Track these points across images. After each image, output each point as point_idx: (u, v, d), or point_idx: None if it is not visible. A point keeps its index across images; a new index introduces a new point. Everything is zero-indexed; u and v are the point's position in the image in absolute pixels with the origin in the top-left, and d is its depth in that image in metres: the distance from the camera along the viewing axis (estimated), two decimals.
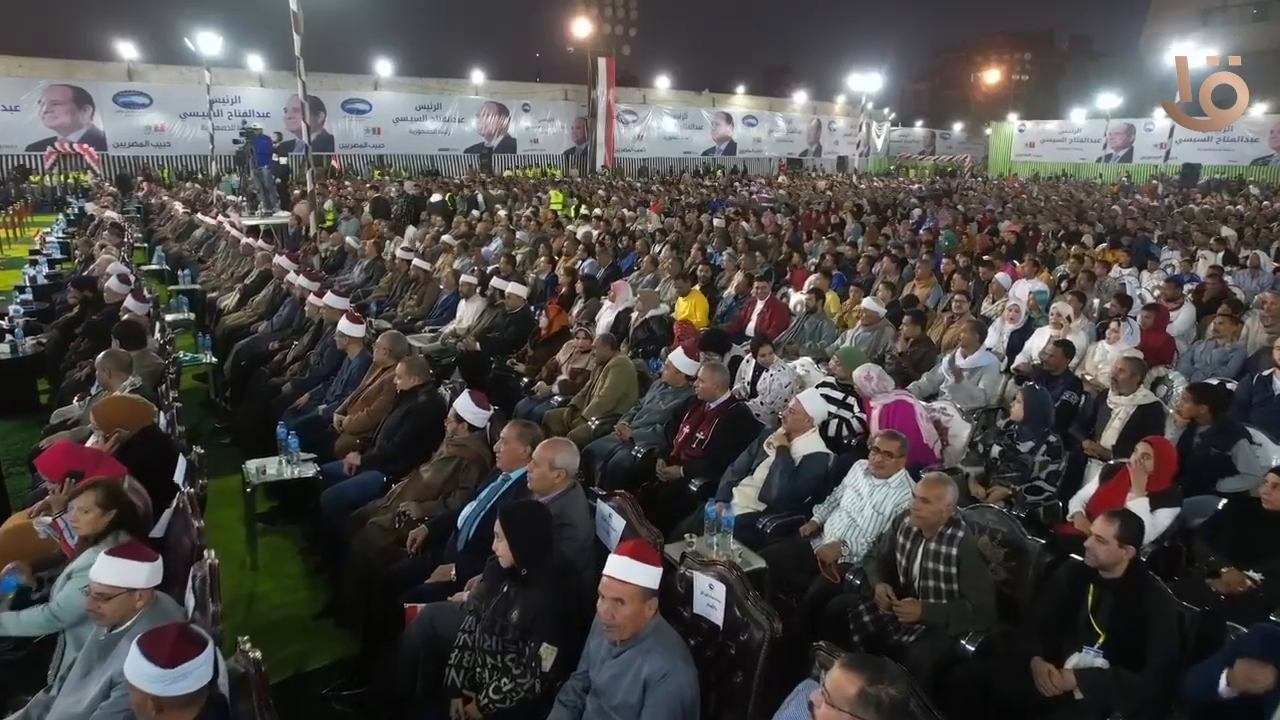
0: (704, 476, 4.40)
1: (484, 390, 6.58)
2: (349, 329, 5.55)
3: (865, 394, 4.81)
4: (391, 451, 4.41)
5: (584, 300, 7.98)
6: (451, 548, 3.49)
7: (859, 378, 4.80)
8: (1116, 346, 5.97)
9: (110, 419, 3.79)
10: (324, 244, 11.95)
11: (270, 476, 4.38)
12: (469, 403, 3.99)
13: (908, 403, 4.72)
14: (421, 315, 8.36)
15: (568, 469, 3.14)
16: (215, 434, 6.57)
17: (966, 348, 5.73)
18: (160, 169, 30.92)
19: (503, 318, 7.16)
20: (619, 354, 5.62)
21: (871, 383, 4.77)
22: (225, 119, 28.46)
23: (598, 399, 5.41)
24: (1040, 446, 4.18)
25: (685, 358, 5.00)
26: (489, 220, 14.24)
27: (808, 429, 4.10)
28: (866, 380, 4.77)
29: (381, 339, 5.06)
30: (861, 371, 4.80)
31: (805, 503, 4.04)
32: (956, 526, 3.11)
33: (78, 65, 30.10)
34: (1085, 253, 11.16)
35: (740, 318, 7.81)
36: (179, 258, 13.16)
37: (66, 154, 28.94)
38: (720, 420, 4.52)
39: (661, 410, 4.98)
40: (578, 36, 43.30)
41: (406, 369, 4.54)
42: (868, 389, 4.78)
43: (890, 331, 6.63)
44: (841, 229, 15.11)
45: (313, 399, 5.68)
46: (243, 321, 8.31)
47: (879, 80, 36.23)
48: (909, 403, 4.72)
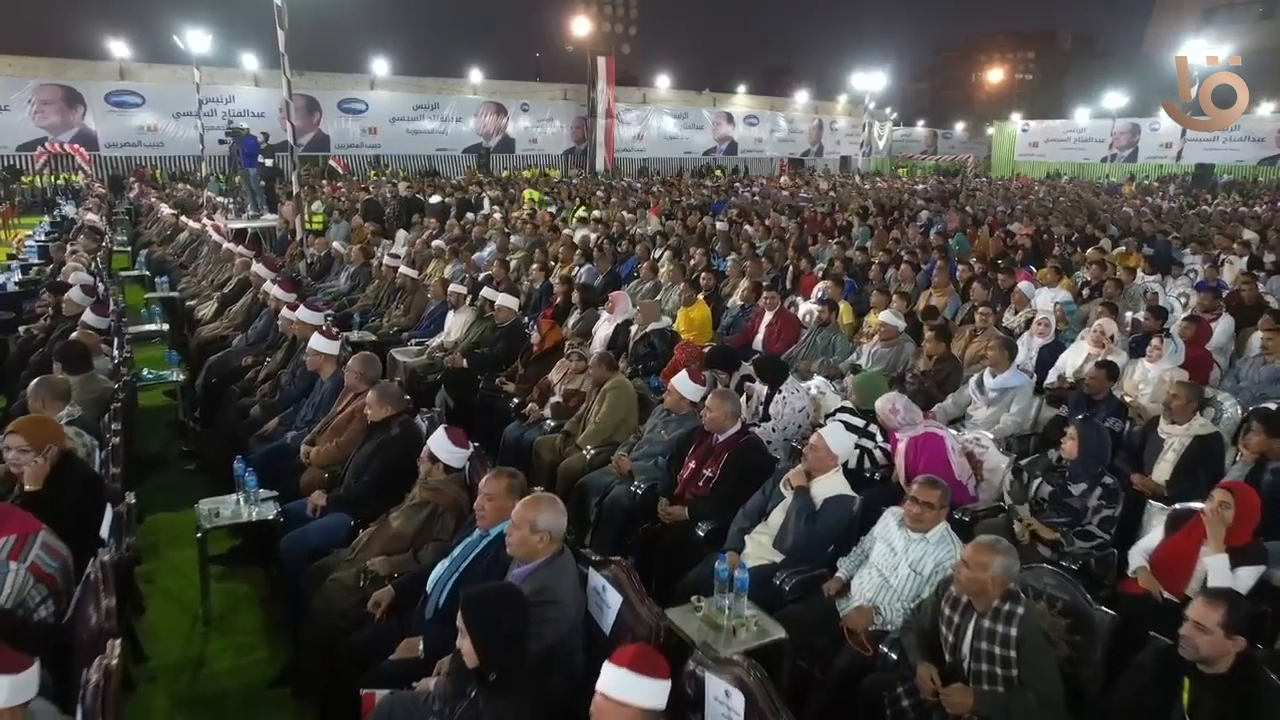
0: (712, 520, 3.91)
1: (470, 411, 6.17)
2: (321, 346, 5.06)
3: (890, 426, 4.32)
4: (359, 492, 3.91)
5: (580, 311, 7.48)
6: (421, 614, 3.00)
7: (883, 409, 4.31)
8: (1159, 365, 5.48)
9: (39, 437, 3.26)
10: (310, 248, 11.44)
11: (224, 520, 3.89)
12: (445, 440, 3.50)
13: (937, 435, 4.23)
14: (408, 326, 7.87)
15: (552, 532, 2.65)
16: (182, 457, 6.10)
17: (996, 366, 5.23)
18: (153, 169, 30.46)
19: (492, 331, 6.67)
20: (617, 375, 5.12)
21: (898, 415, 4.27)
22: (219, 119, 27.96)
23: (594, 425, 4.92)
24: (1094, 489, 3.68)
25: (690, 382, 4.51)
26: (484, 224, 13.73)
27: (831, 468, 3.61)
28: (892, 412, 4.28)
29: (353, 362, 4.56)
30: (885, 403, 4.31)
31: (828, 552, 3.56)
32: (1015, 601, 2.62)
33: (69, 64, 29.62)
34: (1105, 257, 10.66)
35: (747, 329, 7.32)
36: (161, 262, 12.70)
37: (57, 154, 28.49)
38: (730, 455, 4.03)
39: (664, 441, 4.49)
40: (577, 35, 42.90)
41: (377, 398, 4.05)
42: (893, 421, 4.29)
43: (910, 347, 6.14)
44: (848, 232, 14.61)
45: (282, 424, 5.18)
46: (218, 333, 7.81)
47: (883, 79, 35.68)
48: (939, 434, 4.23)
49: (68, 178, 27.69)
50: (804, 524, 3.44)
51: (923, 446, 4.21)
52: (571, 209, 18.07)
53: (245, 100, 31.85)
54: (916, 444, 4.22)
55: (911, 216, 17.24)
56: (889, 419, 4.30)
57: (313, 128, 33.60)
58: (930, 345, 5.65)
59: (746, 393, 5.29)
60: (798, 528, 3.44)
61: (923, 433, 4.23)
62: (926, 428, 4.25)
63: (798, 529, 3.44)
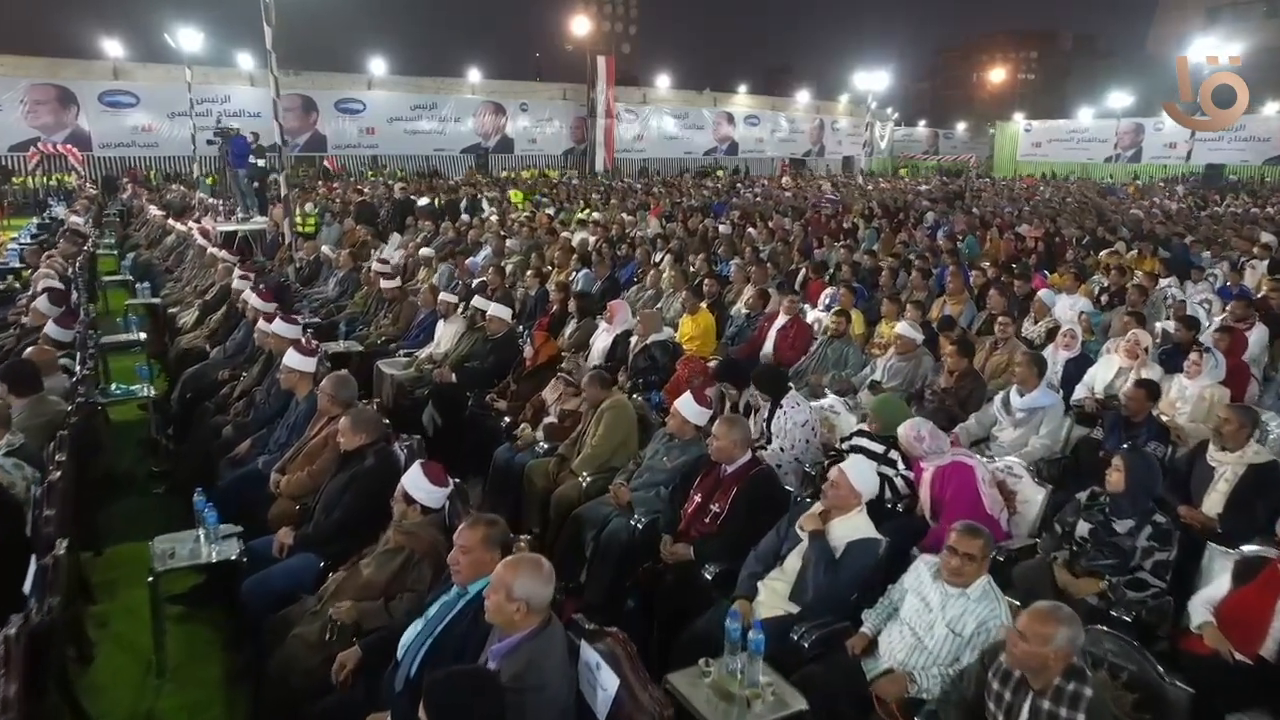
0: (720, 561, 3.53)
1: (459, 430, 5.79)
2: (296, 363, 4.68)
3: (914, 455, 3.94)
4: (329, 531, 3.53)
5: (577, 321, 7.10)
6: (390, 682, 2.62)
7: (907, 437, 3.93)
8: (1198, 382, 5.10)
9: None
10: (299, 252, 11.06)
11: (179, 562, 3.51)
12: (421, 478, 3.12)
13: (966, 464, 3.85)
14: (397, 336, 7.49)
15: (531, 601, 2.24)
16: (152, 479, 5.71)
17: (1024, 384, 4.85)
18: (148, 170, 30.11)
19: (483, 343, 6.28)
20: (614, 394, 4.74)
21: (923, 443, 3.89)
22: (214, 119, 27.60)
23: (589, 449, 4.54)
24: (1143, 528, 3.30)
25: (695, 405, 4.12)
26: (480, 226, 13.34)
27: (853, 507, 3.22)
28: (917, 440, 3.90)
29: (325, 383, 4.18)
30: (910, 430, 3.93)
31: (851, 600, 3.18)
32: (1081, 680, 2.24)
33: (62, 64, 29.28)
34: (1122, 262, 10.28)
35: (754, 339, 6.94)
36: (147, 266, 12.32)
37: (50, 155, 28.15)
38: (740, 488, 3.65)
39: (666, 470, 4.11)
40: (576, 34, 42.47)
41: (350, 424, 3.67)
42: (918, 450, 3.91)
43: (929, 362, 5.75)
44: (854, 234, 14.22)
45: (255, 447, 4.81)
46: (197, 344, 7.43)
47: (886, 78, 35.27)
48: (968, 464, 3.85)
49: (60, 178, 27.35)
50: (824, 575, 3.05)
51: (950, 477, 3.83)
52: (571, 210, 17.67)
53: (240, 100, 31.46)
54: (943, 474, 3.84)
55: (917, 219, 16.83)
56: (913, 447, 3.92)
57: (309, 128, 33.30)
58: (951, 360, 5.27)
59: (751, 405, 4.91)
60: (817, 579, 3.06)
61: (950, 462, 3.85)
62: (954, 456, 3.87)
63: (817, 580, 3.06)
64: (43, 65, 28.63)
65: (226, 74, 31.58)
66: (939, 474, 3.84)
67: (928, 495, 3.86)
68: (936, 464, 3.85)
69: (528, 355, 5.56)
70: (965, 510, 3.76)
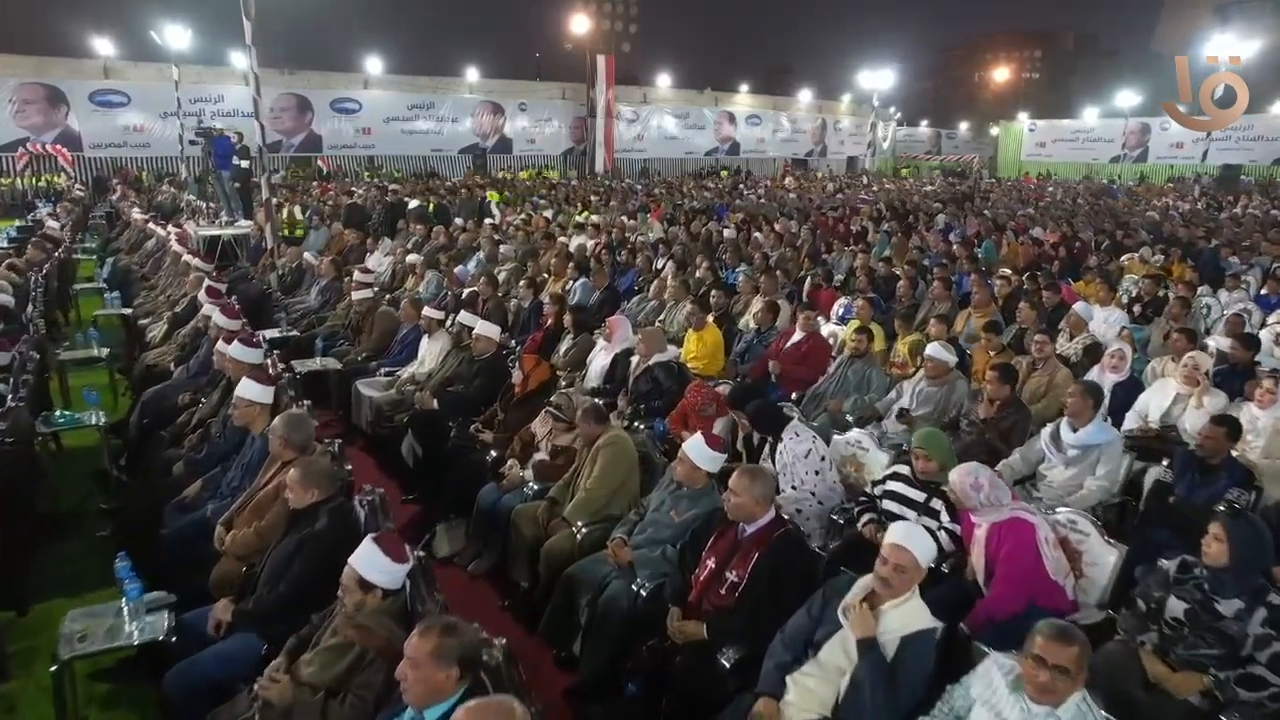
0: (740, 644, 2.96)
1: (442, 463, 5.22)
2: (251, 394, 4.11)
3: (966, 505, 3.36)
4: (271, 607, 2.96)
5: (573, 337, 6.53)
6: None
7: (961, 483, 3.34)
8: (1271, 412, 4.52)
9: None
10: (282, 259, 10.49)
11: (92, 645, 2.94)
12: (376, 554, 2.54)
13: (1026, 521, 3.27)
14: (378, 353, 6.92)
15: None
16: (99, 519, 5.13)
17: (1077, 417, 4.28)
18: (139, 171, 29.59)
19: (469, 364, 5.71)
20: (611, 429, 4.17)
21: (980, 492, 3.31)
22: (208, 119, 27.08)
23: (584, 494, 3.97)
24: (1255, 610, 2.73)
25: (706, 449, 3.55)
26: (474, 230, 12.74)
27: (907, 589, 2.65)
28: (974, 488, 3.32)
29: (277, 422, 3.61)
30: (966, 476, 3.35)
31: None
32: None
33: (51, 62, 28.76)
34: (1153, 269, 9.72)
35: (766, 357, 6.36)
36: (125, 273, 11.77)
37: (39, 155, 27.62)
38: (763, 555, 3.07)
39: (673, 524, 3.54)
40: (576, 33, 41.82)
41: (300, 478, 3.10)
42: (972, 500, 3.33)
43: (963, 387, 5.17)
44: (864, 238, 13.63)
45: (206, 488, 4.24)
46: (163, 361, 6.86)
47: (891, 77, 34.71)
48: (1028, 520, 3.28)
49: (50, 179, 26.84)
50: (882, 692, 2.46)
51: (1006, 535, 3.26)
52: (569, 213, 17.07)
53: (235, 100, 30.84)
54: (999, 531, 3.26)
55: (928, 221, 16.23)
56: (967, 497, 3.34)
57: (304, 128, 32.82)
58: (993, 388, 4.69)
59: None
60: (875, 699, 2.45)
61: (1008, 518, 3.27)
62: (1014, 512, 3.29)
63: (875, 700, 2.45)
64: (32, 64, 28.12)
65: (221, 73, 31.02)
66: (995, 531, 3.27)
67: (981, 557, 3.29)
68: (993, 520, 3.27)
69: (516, 381, 4.97)
70: (1022, 575, 3.20)
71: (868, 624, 2.55)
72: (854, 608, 2.59)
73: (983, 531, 3.30)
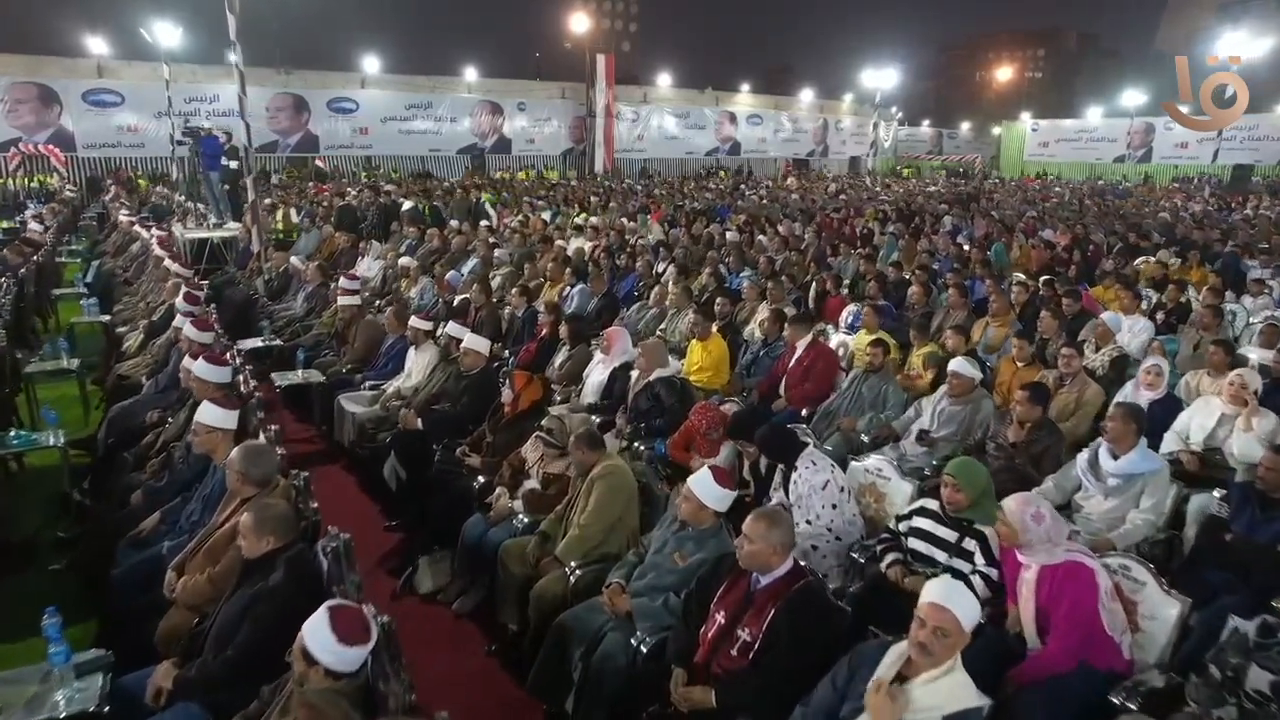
0: (754, 716, 2.58)
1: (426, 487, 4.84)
2: (212, 419, 3.72)
3: (1016, 542, 2.96)
4: (218, 674, 2.58)
5: (570, 348, 6.15)
6: None
7: (1020, 514, 2.89)
8: None
9: None
10: (268, 263, 10.11)
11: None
12: (326, 633, 2.15)
13: (1086, 566, 2.88)
14: (362, 364, 6.55)
15: None
16: (57, 548, 4.75)
17: (1118, 443, 3.90)
18: (134, 171, 29.25)
19: (456, 380, 5.33)
20: (608, 458, 3.79)
21: (1041, 525, 2.86)
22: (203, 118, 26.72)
23: (578, 531, 3.59)
24: None
25: (715, 486, 3.17)
26: (469, 233, 12.35)
27: (949, 656, 2.27)
28: (1034, 520, 2.86)
29: (235, 455, 3.22)
30: (1025, 506, 2.90)
31: None
32: None
33: (44, 61, 28.44)
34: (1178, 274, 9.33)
35: (774, 372, 5.98)
36: (109, 277, 11.41)
37: (32, 155, 27.30)
38: (780, 611, 2.70)
39: (677, 571, 3.16)
40: (576, 32, 41.37)
41: (253, 524, 2.72)
42: (1028, 536, 2.90)
43: (989, 406, 4.79)
44: (870, 241, 13.25)
45: (165, 521, 3.87)
46: (136, 373, 6.48)
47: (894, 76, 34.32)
48: (1087, 565, 2.89)
49: (42, 180, 26.49)
50: None
51: (1063, 580, 2.86)
52: (567, 214, 16.67)
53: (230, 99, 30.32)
54: (1054, 576, 2.87)
55: (934, 223, 15.82)
56: (1025, 531, 2.87)
57: (301, 128, 32.50)
58: (1023, 409, 4.30)
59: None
60: None
61: (1064, 560, 2.88)
62: (1069, 553, 2.90)
63: None
64: (24, 63, 27.79)
65: (216, 72, 30.58)
66: (1048, 575, 2.88)
67: (1031, 604, 2.90)
68: (1046, 562, 2.88)
69: (506, 400, 4.59)
70: (1080, 631, 2.82)
71: (891, 714, 2.16)
72: (878, 691, 2.20)
73: (1033, 574, 2.92)
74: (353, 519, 5.22)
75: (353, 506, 5.40)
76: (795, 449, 3.84)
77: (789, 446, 3.86)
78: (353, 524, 5.20)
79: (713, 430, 4.32)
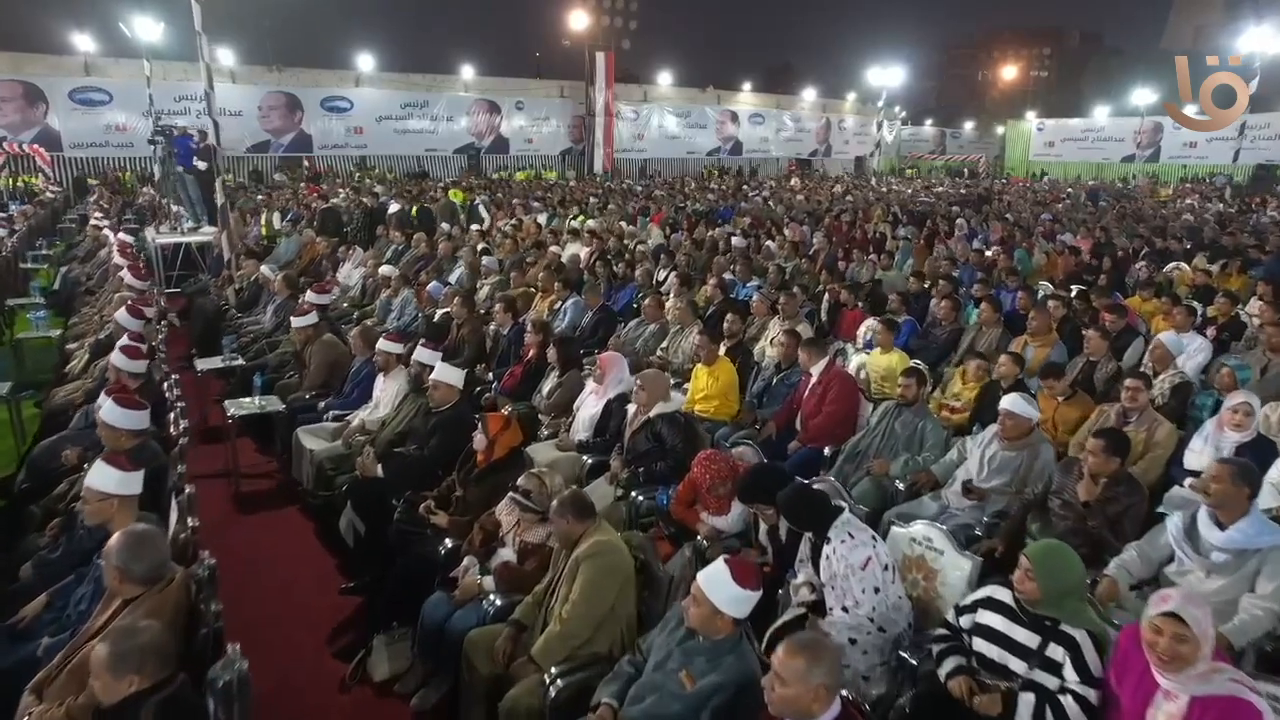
0: None
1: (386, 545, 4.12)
2: (103, 483, 2.99)
3: (1175, 664, 2.20)
4: None
5: (559, 374, 5.42)
6: None
7: (1202, 624, 2.15)
8: None
9: None
10: (240, 271, 9.39)
11: None
12: None
13: (1249, 704, 2.15)
14: (326, 390, 5.82)
15: None
16: None
17: (1224, 509, 3.17)
18: (122, 171, 28.59)
19: (425, 417, 4.59)
20: (598, 530, 3.06)
21: (1207, 643, 2.14)
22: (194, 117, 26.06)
23: (559, 626, 2.87)
24: None
25: (732, 584, 2.43)
26: (458, 237, 11.62)
27: None
28: (1199, 633, 2.12)
29: (112, 544, 2.48)
30: (1208, 617, 2.19)
31: None
32: None
33: (29, 59, 27.82)
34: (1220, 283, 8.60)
35: (790, 403, 5.25)
36: (74, 285, 10.71)
37: (16, 155, 26.61)
38: None
39: (685, 697, 2.42)
40: (575, 30, 40.60)
41: (108, 659, 1.97)
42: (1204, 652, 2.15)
43: (1049, 454, 4.05)
44: (882, 245, 12.49)
45: (52, 605, 3.15)
46: (74, 400, 5.75)
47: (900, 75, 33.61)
48: (1251, 703, 2.15)
49: (27, 180, 25.80)
50: None
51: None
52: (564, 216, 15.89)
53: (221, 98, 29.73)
54: (1209, 713, 2.15)
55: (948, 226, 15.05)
56: (1204, 643, 2.15)
57: (294, 127, 31.80)
58: (1096, 460, 3.56)
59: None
60: None
61: (1226, 694, 2.14)
62: (1231, 684, 2.16)
63: None
64: (8, 60, 27.16)
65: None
66: (1199, 709, 2.15)
67: None
68: (1199, 692, 2.15)
69: (479, 447, 3.85)
70: None
71: None
72: None
73: (1179, 707, 2.19)
74: (306, 578, 4.54)
75: (308, 562, 4.69)
76: (828, 517, 3.12)
77: (820, 514, 3.13)
78: (306, 584, 4.55)
79: (720, 484, 3.59)
